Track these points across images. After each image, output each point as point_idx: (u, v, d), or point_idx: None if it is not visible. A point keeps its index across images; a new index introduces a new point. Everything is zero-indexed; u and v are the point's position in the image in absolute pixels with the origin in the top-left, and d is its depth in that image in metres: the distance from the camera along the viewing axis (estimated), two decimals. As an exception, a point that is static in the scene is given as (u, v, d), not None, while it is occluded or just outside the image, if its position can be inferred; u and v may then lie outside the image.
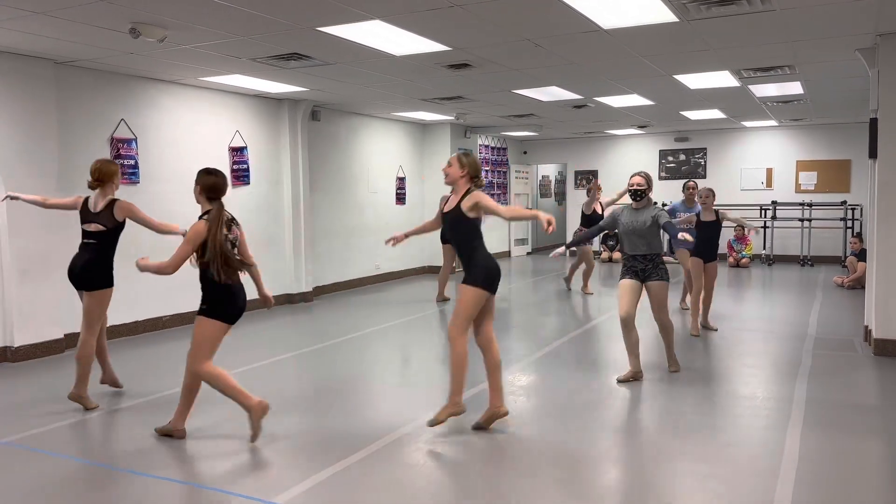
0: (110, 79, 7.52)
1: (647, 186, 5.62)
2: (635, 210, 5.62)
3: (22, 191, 6.52)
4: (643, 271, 5.57)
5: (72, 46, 6.27)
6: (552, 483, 3.68)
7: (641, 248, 5.56)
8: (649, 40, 6.42)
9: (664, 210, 5.79)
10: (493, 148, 15.95)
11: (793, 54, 7.11)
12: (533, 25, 5.81)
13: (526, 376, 5.86)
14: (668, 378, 5.69)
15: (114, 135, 7.55)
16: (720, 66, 7.74)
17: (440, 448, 4.23)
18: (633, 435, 4.44)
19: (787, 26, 5.97)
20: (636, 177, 5.65)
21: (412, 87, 8.86)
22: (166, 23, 5.53)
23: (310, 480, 3.71)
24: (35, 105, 6.64)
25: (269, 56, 6.79)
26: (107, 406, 5.14)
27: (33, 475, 3.88)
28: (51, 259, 6.82)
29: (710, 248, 7.60)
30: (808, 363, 6.12)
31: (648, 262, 5.56)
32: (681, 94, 9.65)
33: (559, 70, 7.78)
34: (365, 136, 11.92)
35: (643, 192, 5.60)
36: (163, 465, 4.01)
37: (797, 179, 14.62)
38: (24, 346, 6.61)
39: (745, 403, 5.03)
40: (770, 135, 14.78)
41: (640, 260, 5.58)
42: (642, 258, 5.57)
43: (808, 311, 8.68)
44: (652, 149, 15.96)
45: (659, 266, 5.58)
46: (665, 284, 5.58)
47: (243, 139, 9.27)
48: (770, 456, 3.99)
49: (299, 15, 5.39)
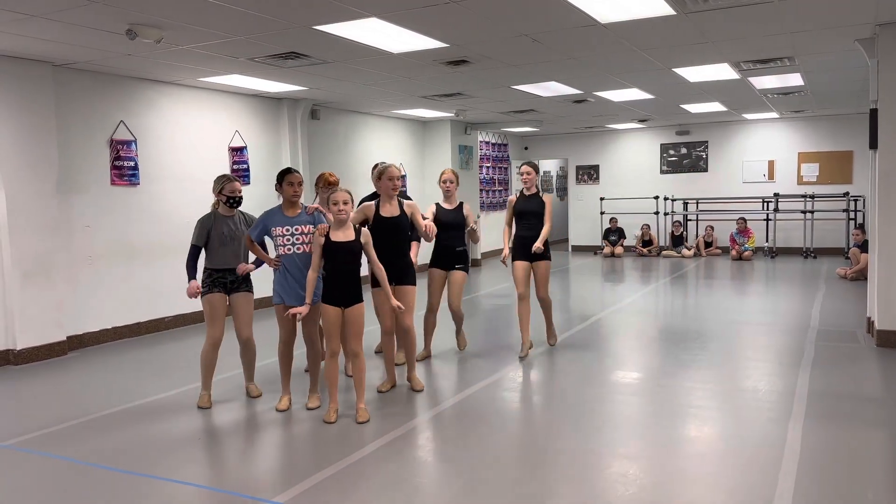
0: (109, 81, 7.52)
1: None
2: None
3: (22, 192, 6.54)
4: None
5: (70, 49, 6.27)
6: (557, 478, 3.68)
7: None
8: (647, 34, 6.40)
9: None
10: (494, 144, 15.94)
11: (792, 45, 7.08)
12: (530, 20, 5.80)
13: (528, 371, 5.86)
14: (668, 372, 5.68)
15: (113, 136, 7.56)
16: (719, 59, 7.71)
17: (442, 446, 4.24)
18: (635, 428, 4.43)
19: (785, 17, 5.94)
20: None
21: (411, 84, 8.84)
22: (163, 24, 5.53)
23: (309, 480, 3.71)
24: (34, 108, 6.65)
25: (267, 55, 6.79)
26: (110, 408, 5.15)
27: (36, 478, 3.89)
28: (53, 261, 6.83)
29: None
30: (811, 355, 6.11)
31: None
32: (680, 87, 9.63)
33: (558, 65, 7.77)
34: (365, 134, 11.91)
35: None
36: (166, 466, 4.02)
37: (799, 171, 14.59)
38: (27, 349, 6.62)
39: (748, 396, 5.02)
40: (771, 127, 14.74)
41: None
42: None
43: (811, 303, 8.66)
44: (653, 143, 15.93)
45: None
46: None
47: (243, 139, 9.27)
48: (772, 448, 3.98)
49: (296, 14, 5.38)
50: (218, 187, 5.06)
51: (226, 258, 5.04)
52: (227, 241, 5.03)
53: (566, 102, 10.89)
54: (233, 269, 5.06)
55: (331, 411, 4.63)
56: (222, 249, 5.03)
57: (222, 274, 5.05)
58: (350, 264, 4.59)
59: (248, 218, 5.20)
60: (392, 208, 5.26)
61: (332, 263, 4.59)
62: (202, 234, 5.01)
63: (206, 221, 5.04)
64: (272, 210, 5.02)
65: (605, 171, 16.56)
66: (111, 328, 7.50)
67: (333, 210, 4.55)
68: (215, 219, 5.04)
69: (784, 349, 6.39)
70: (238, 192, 5.07)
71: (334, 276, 4.59)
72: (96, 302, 7.34)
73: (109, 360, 6.74)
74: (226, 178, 5.08)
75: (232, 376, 5.86)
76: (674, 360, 6.08)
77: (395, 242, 5.20)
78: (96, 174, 7.41)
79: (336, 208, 4.54)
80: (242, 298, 5.11)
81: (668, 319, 8.05)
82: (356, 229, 4.66)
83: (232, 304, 5.10)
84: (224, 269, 5.05)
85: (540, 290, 6.30)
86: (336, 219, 4.59)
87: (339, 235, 4.59)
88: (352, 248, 4.59)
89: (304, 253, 4.86)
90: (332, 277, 4.60)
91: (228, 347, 5.90)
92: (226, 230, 5.03)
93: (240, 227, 5.10)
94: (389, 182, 5.23)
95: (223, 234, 5.02)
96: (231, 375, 5.88)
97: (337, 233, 4.60)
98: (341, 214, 4.56)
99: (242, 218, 5.16)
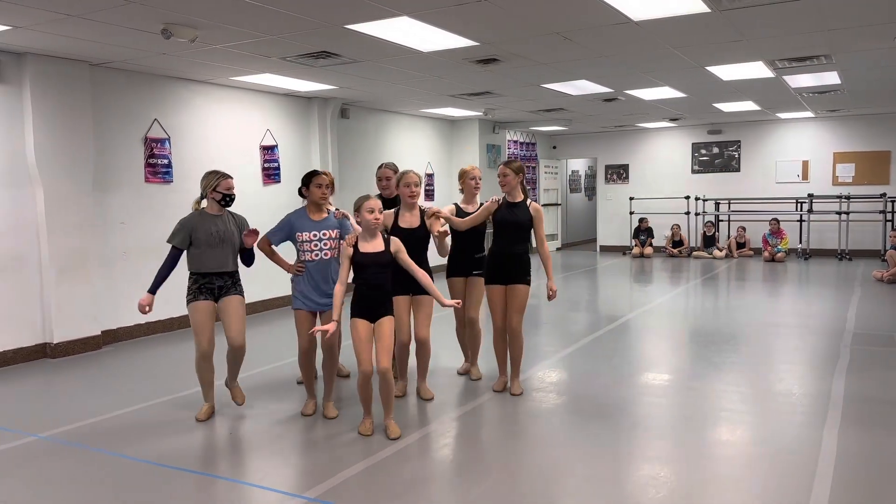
0: (143, 80, 7.65)
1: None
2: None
3: (60, 189, 6.67)
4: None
5: (106, 48, 6.38)
6: (582, 481, 3.65)
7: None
8: (680, 31, 6.33)
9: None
10: (522, 143, 15.88)
11: (829, 43, 6.94)
12: (561, 18, 5.76)
13: (556, 372, 5.83)
14: (698, 374, 5.61)
15: (147, 134, 7.68)
16: (754, 57, 7.60)
17: (468, 446, 4.23)
18: (666, 431, 4.39)
19: (822, 14, 5.83)
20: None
21: (440, 83, 8.85)
22: (197, 23, 5.60)
23: (338, 477, 3.73)
24: (72, 107, 6.78)
25: (299, 55, 6.84)
26: (143, 402, 5.23)
27: (71, 469, 3.97)
28: (88, 257, 6.97)
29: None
30: (846, 359, 5.99)
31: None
32: (713, 85, 9.50)
33: (588, 63, 7.71)
34: (394, 133, 11.95)
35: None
36: (196, 460, 4.07)
37: (834, 172, 14.31)
38: (63, 343, 6.75)
39: (781, 400, 4.93)
40: (806, 126, 14.48)
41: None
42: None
43: (846, 306, 8.49)
44: (684, 142, 15.74)
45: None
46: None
47: (274, 138, 9.36)
48: (807, 454, 3.91)
49: (328, 13, 5.42)
50: (211, 184, 4.55)
51: (214, 261, 4.56)
52: (215, 243, 4.54)
53: (596, 101, 10.81)
54: (221, 273, 4.61)
55: (367, 424, 4.37)
56: (210, 252, 4.54)
57: (209, 279, 4.58)
58: (380, 276, 4.27)
59: (239, 220, 4.75)
60: (412, 218, 4.91)
61: (361, 276, 4.26)
62: (184, 237, 4.51)
63: (189, 222, 4.55)
64: (297, 213, 4.75)
65: (635, 171, 16.40)
66: (144, 323, 7.62)
67: (367, 218, 4.19)
68: (202, 218, 4.57)
69: (818, 352, 6.28)
70: (233, 190, 4.63)
71: (363, 290, 4.27)
72: (130, 297, 7.45)
73: (142, 354, 6.85)
74: (219, 174, 4.59)
75: (244, 377, 5.91)
76: (705, 363, 6.00)
77: (414, 256, 4.52)
78: (131, 172, 7.54)
79: (372, 216, 4.19)
80: (233, 303, 4.63)
81: (698, 321, 7.95)
82: (385, 238, 4.34)
83: (222, 310, 4.62)
84: (212, 273, 4.58)
85: (513, 319, 5.03)
86: (367, 228, 4.23)
87: (368, 246, 4.25)
88: (382, 259, 4.26)
89: (332, 258, 4.68)
90: (360, 291, 4.28)
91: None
92: (214, 231, 4.55)
93: (230, 228, 4.63)
94: (406, 189, 4.89)
95: (212, 235, 4.53)
96: (243, 377, 5.93)
97: (366, 243, 4.26)
98: (375, 225, 4.21)
99: (232, 218, 4.71)
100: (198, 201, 4.65)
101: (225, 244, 4.59)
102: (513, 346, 5.13)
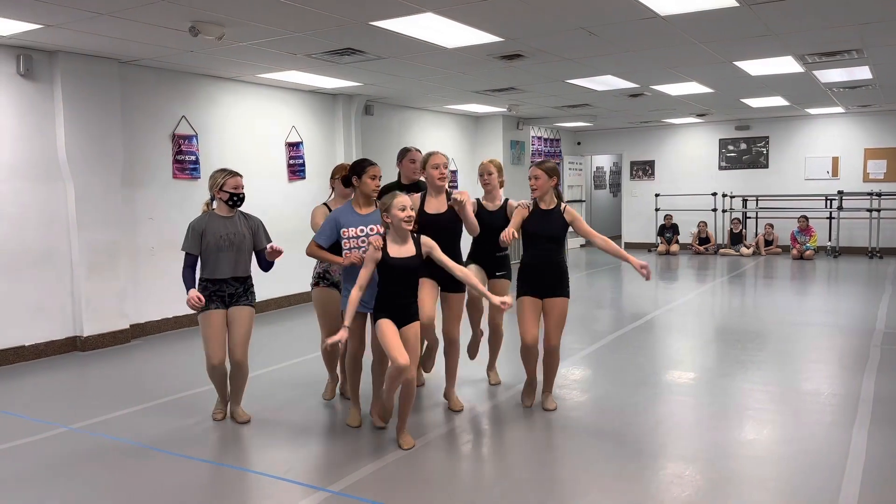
0: (171, 77, 7.74)
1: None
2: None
3: (90, 185, 6.78)
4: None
5: (135, 46, 6.47)
6: (608, 478, 3.64)
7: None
8: (708, 26, 6.25)
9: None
10: (546, 139, 15.81)
11: (860, 37, 6.81)
12: (587, 13, 5.72)
13: (579, 370, 5.80)
14: (724, 372, 5.56)
15: (175, 131, 7.77)
16: (783, 52, 7.48)
17: (491, 441, 4.24)
18: (691, 429, 4.35)
19: (853, 8, 5.72)
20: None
21: (464, 79, 8.84)
22: (224, 21, 5.65)
23: (362, 471, 3.76)
24: (101, 104, 6.89)
25: (324, 51, 6.88)
26: (170, 394, 5.30)
27: (100, 459, 4.04)
28: (117, 252, 7.08)
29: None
30: (876, 358, 5.89)
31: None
32: (741, 81, 9.37)
33: (614, 59, 7.65)
34: (418, 129, 11.97)
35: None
36: (221, 451, 4.13)
37: (865, 168, 14.04)
38: (93, 336, 6.87)
39: (809, 399, 4.87)
40: (836, 122, 14.22)
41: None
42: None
43: (877, 305, 8.34)
44: (711, 138, 15.56)
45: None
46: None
47: (299, 134, 9.42)
48: (836, 454, 3.86)
49: (353, 10, 5.44)
50: (218, 183, 4.32)
51: (224, 267, 4.33)
52: (225, 247, 4.30)
53: (622, 96, 10.72)
54: (232, 279, 4.37)
55: (407, 435, 4.12)
56: (220, 256, 4.31)
57: (220, 286, 4.34)
58: (410, 280, 3.96)
59: (252, 221, 4.47)
60: (439, 203, 4.47)
61: (387, 280, 3.91)
62: (195, 241, 4.30)
63: (198, 225, 4.32)
64: (342, 209, 4.38)
65: (661, 167, 16.25)
66: (172, 317, 7.73)
67: (400, 217, 3.82)
68: (210, 221, 4.34)
69: (847, 352, 6.18)
70: (241, 189, 4.35)
71: (390, 295, 3.93)
72: (158, 292, 7.56)
73: (170, 348, 6.95)
74: (226, 172, 4.35)
75: (264, 374, 5.96)
76: (731, 361, 5.94)
77: (443, 244, 4.19)
78: (159, 168, 7.64)
79: (404, 214, 3.82)
80: (241, 313, 4.39)
81: (725, 319, 7.86)
82: (415, 239, 3.99)
83: (229, 321, 4.39)
84: (222, 279, 4.33)
85: (551, 338, 4.52)
86: (399, 229, 3.85)
87: (400, 250, 3.88)
88: (413, 263, 3.93)
89: None
90: (386, 295, 3.94)
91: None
92: (224, 233, 4.31)
93: (240, 231, 4.36)
94: (435, 170, 4.42)
95: (221, 238, 4.30)
96: (263, 373, 5.98)
97: (395, 246, 3.89)
98: (408, 226, 3.84)
99: (244, 220, 4.45)
100: (207, 203, 4.46)
101: (235, 248, 4.34)
102: (549, 362, 4.66)
